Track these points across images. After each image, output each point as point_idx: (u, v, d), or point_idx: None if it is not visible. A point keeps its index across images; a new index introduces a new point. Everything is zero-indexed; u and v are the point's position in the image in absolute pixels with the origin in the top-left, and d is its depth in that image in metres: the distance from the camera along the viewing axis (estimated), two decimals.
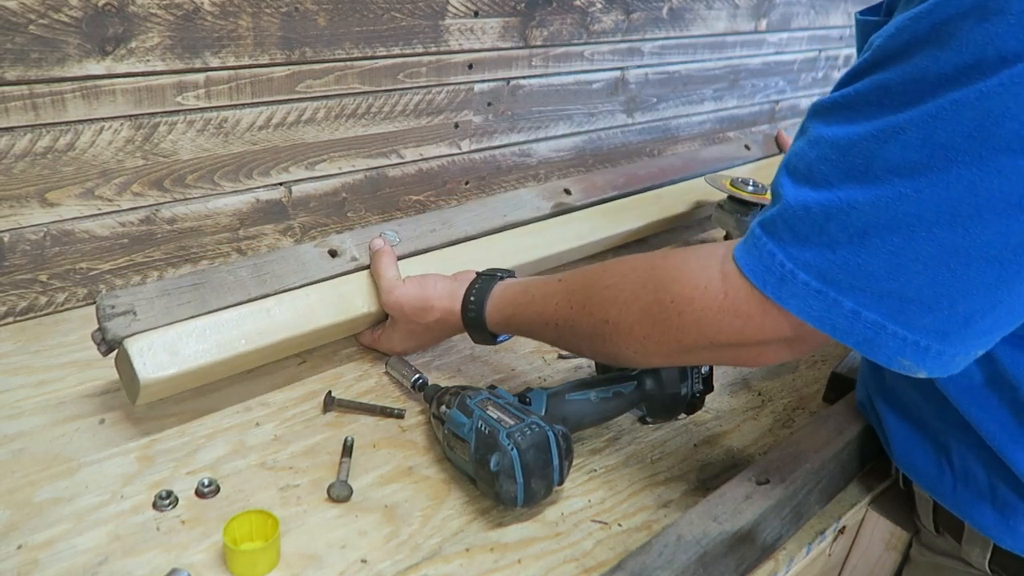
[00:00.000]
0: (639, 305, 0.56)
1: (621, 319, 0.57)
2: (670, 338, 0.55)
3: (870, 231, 0.45)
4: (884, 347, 0.47)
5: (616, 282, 0.59)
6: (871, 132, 0.45)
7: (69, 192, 0.80)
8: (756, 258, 0.49)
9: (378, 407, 0.72)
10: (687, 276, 0.53)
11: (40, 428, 0.67)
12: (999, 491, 0.58)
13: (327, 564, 0.56)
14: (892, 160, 0.44)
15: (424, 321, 0.75)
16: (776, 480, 0.62)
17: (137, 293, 0.68)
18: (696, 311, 0.52)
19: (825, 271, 0.47)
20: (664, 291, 0.54)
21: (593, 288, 0.61)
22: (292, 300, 0.74)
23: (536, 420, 0.60)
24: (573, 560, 0.58)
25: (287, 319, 0.73)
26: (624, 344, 0.58)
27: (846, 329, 0.47)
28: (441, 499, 0.63)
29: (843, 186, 0.46)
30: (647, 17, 1.27)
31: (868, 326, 0.46)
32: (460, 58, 1.05)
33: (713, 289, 0.51)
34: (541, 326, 0.66)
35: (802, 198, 0.47)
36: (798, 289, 0.47)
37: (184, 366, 0.66)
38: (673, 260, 0.56)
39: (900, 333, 0.46)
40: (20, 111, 0.74)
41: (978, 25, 0.41)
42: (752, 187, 1.03)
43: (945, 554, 0.67)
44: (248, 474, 0.64)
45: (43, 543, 0.56)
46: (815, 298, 0.47)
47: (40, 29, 0.72)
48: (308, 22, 0.88)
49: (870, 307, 0.46)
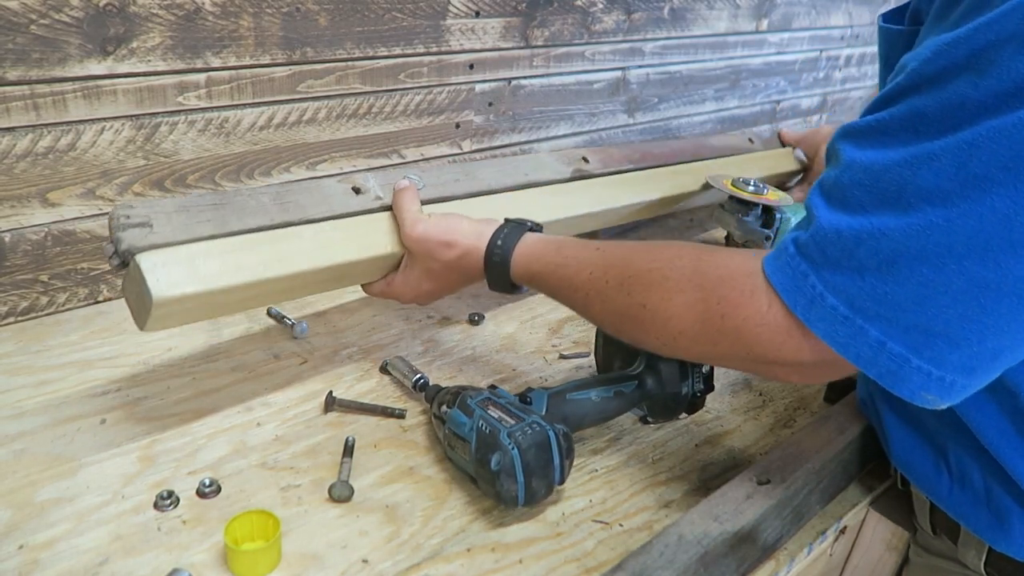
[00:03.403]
0: (683, 299, 0.54)
1: (660, 307, 0.56)
2: (707, 340, 0.53)
3: (899, 259, 0.44)
4: (908, 381, 0.46)
5: (661, 267, 0.57)
6: (905, 158, 0.44)
7: (70, 192, 0.80)
8: (789, 277, 0.48)
9: (379, 407, 0.72)
10: (736, 279, 0.52)
11: (41, 428, 0.67)
12: (994, 495, 0.58)
13: (328, 564, 0.56)
14: (924, 188, 0.43)
15: (445, 258, 0.72)
16: (777, 480, 0.62)
17: (154, 206, 0.64)
18: (740, 319, 0.51)
19: (853, 297, 0.46)
20: (711, 290, 0.53)
21: (635, 267, 0.59)
22: (315, 232, 0.71)
23: (537, 420, 0.60)
24: (574, 560, 0.58)
25: (310, 249, 0.69)
26: (656, 333, 0.57)
27: (870, 359, 0.46)
28: (442, 499, 0.63)
29: (875, 212, 0.45)
30: (648, 17, 1.27)
31: (892, 358, 0.45)
32: (461, 58, 1.05)
33: (760, 297, 0.50)
34: (569, 291, 0.64)
35: (835, 222, 0.46)
36: (826, 313, 0.47)
37: (200, 286, 0.62)
38: (720, 257, 0.55)
39: (925, 368, 0.45)
40: (21, 111, 0.74)
41: (1018, 53, 0.40)
42: (752, 187, 1.03)
43: (942, 555, 0.67)
44: (249, 474, 0.64)
45: (44, 543, 0.56)
46: (842, 324, 0.46)
47: (41, 29, 0.72)
48: (309, 22, 0.88)
49: (896, 338, 0.45)
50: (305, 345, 0.82)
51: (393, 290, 0.77)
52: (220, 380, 0.75)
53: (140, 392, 0.72)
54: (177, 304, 0.61)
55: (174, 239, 0.62)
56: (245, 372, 0.77)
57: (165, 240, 0.62)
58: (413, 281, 0.75)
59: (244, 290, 0.66)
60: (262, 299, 0.71)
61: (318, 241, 0.70)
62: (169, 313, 0.62)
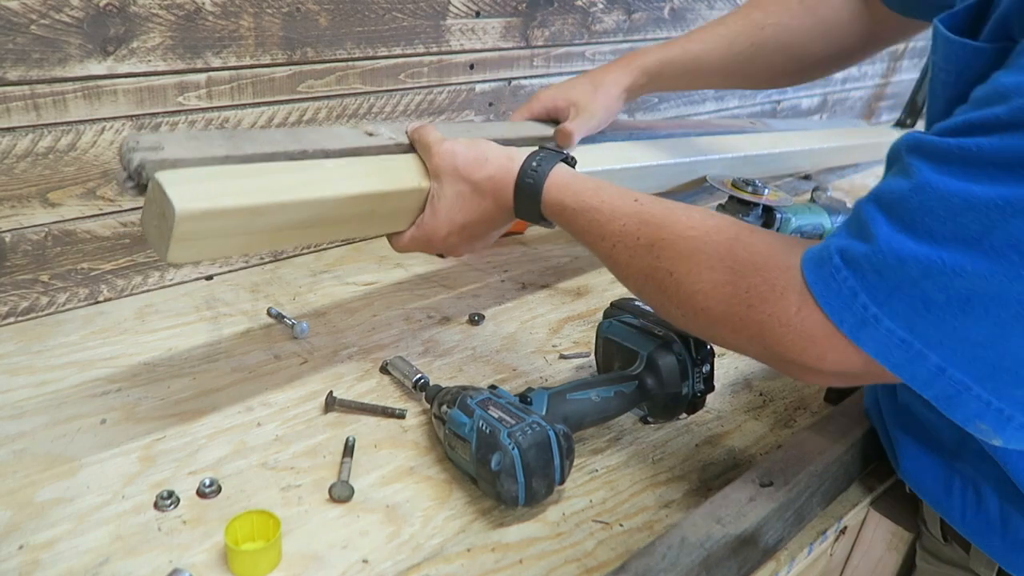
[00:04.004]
0: (712, 277, 0.52)
1: (687, 279, 0.54)
2: (728, 325, 0.52)
3: (974, 300, 0.42)
4: (964, 407, 0.45)
5: (698, 236, 0.55)
6: (995, 200, 0.41)
7: (71, 192, 0.80)
8: (834, 291, 0.46)
9: (379, 407, 0.72)
10: (770, 271, 0.50)
11: (41, 428, 0.67)
12: (1012, 523, 0.57)
13: (328, 564, 0.56)
14: (1017, 237, 0.40)
15: (475, 177, 0.68)
16: (780, 482, 0.62)
17: (163, 136, 0.61)
18: (765, 314, 0.49)
19: (915, 324, 0.44)
20: (743, 276, 0.51)
21: (670, 229, 0.57)
22: (337, 163, 0.68)
23: (537, 420, 0.60)
24: (575, 560, 0.58)
25: (335, 178, 0.66)
26: (678, 303, 0.55)
27: (926, 381, 0.45)
28: (442, 499, 0.63)
29: (949, 247, 0.42)
30: (648, 17, 1.27)
31: (952, 384, 0.44)
32: (461, 58, 1.05)
33: (790, 297, 0.48)
34: (596, 238, 0.62)
35: (897, 246, 0.44)
36: (880, 335, 0.45)
37: (225, 202, 0.58)
38: (759, 242, 0.53)
39: (985, 397, 0.44)
40: (22, 111, 0.74)
41: None
42: (752, 187, 1.03)
43: (952, 564, 0.66)
44: (249, 474, 0.64)
45: (44, 543, 0.56)
46: (899, 347, 0.45)
47: (42, 29, 0.72)
48: (310, 22, 0.88)
49: (958, 366, 0.44)
50: (305, 345, 0.82)
51: (425, 230, 0.72)
52: (220, 380, 0.75)
53: (140, 392, 0.72)
54: (201, 221, 0.57)
55: (189, 158, 0.59)
56: (245, 372, 0.77)
57: (178, 158, 0.59)
58: (443, 212, 0.71)
59: (269, 214, 0.62)
60: (288, 234, 0.66)
61: (343, 171, 0.68)
62: (193, 233, 0.57)
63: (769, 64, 0.88)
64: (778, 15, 0.86)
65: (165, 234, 0.57)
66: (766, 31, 0.86)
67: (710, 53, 0.88)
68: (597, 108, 0.88)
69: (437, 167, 0.70)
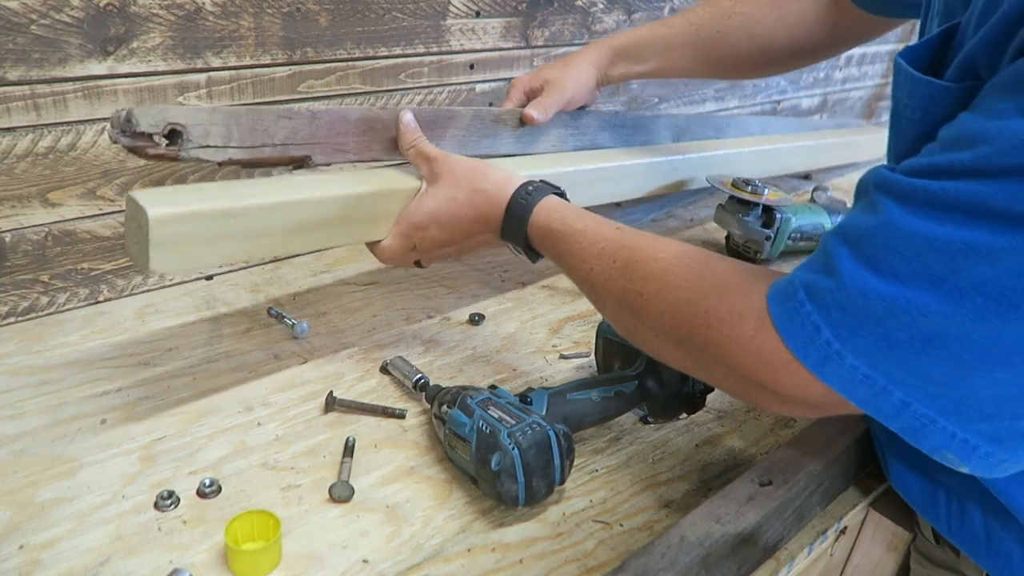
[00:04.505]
0: (677, 296, 0.53)
1: (655, 299, 0.55)
2: (690, 344, 0.53)
3: (937, 340, 0.42)
4: (930, 439, 0.45)
5: (666, 258, 0.56)
6: (960, 244, 0.41)
7: (71, 192, 0.80)
8: (797, 324, 0.46)
9: (379, 407, 0.72)
10: (730, 293, 0.51)
11: (41, 428, 0.67)
12: (995, 535, 0.58)
13: (329, 564, 0.56)
14: (980, 280, 0.40)
15: (473, 187, 0.70)
16: (779, 482, 0.62)
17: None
18: (722, 335, 0.50)
19: (878, 361, 0.44)
20: (704, 296, 0.52)
21: (642, 252, 0.58)
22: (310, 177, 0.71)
23: (537, 420, 0.60)
24: (575, 560, 0.58)
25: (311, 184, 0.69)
26: (648, 324, 0.56)
27: (891, 415, 0.45)
28: (443, 499, 0.63)
29: (913, 286, 0.42)
30: (649, 17, 1.27)
31: (917, 417, 0.44)
32: (461, 58, 1.05)
33: (748, 321, 0.48)
34: (577, 261, 0.63)
35: (861, 283, 0.44)
36: (844, 371, 0.45)
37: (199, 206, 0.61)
38: (725, 267, 0.54)
39: (950, 429, 0.44)
40: (22, 111, 0.74)
41: None
42: (752, 187, 1.03)
43: (944, 567, 0.67)
44: (250, 474, 0.64)
45: (45, 543, 0.56)
46: (862, 383, 0.45)
47: (42, 29, 0.72)
48: (310, 22, 0.88)
49: (923, 402, 0.44)
50: (305, 345, 0.82)
51: (408, 218, 0.73)
52: (220, 380, 0.75)
53: (140, 392, 0.72)
54: (175, 225, 0.59)
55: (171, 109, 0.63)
56: (245, 372, 0.77)
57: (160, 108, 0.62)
58: (429, 206, 0.72)
59: (243, 218, 0.64)
60: (269, 242, 0.67)
61: (316, 180, 0.70)
62: (169, 237, 0.60)
63: (734, 52, 0.91)
64: (745, 5, 0.90)
65: (143, 243, 0.59)
66: (732, 19, 0.89)
67: (677, 37, 0.91)
68: (568, 82, 0.91)
69: (436, 172, 0.73)
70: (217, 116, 0.65)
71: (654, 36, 0.92)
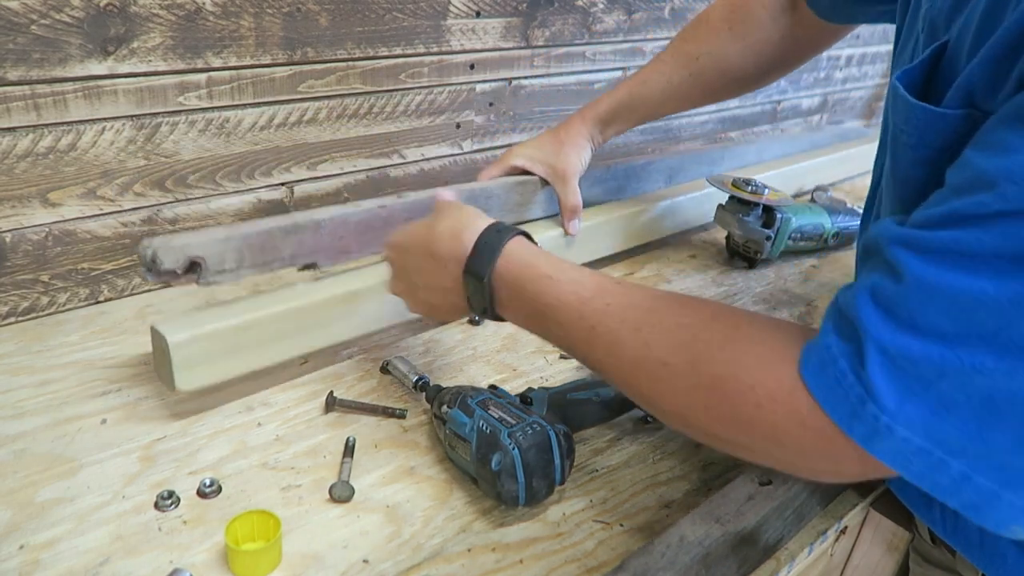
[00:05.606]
0: (715, 368, 0.48)
1: (687, 372, 0.49)
2: (737, 425, 0.47)
3: (998, 400, 0.39)
4: (995, 513, 0.41)
5: (692, 324, 0.51)
6: (1007, 295, 0.38)
7: (71, 192, 0.80)
8: (840, 398, 0.42)
9: (380, 407, 0.72)
10: (775, 366, 0.46)
11: (42, 428, 0.67)
12: (990, 536, 0.57)
13: (329, 564, 0.56)
14: None
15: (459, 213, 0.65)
16: (779, 481, 0.62)
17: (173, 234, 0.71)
18: (778, 412, 0.45)
19: (933, 431, 0.40)
20: (745, 371, 0.47)
21: (660, 316, 0.52)
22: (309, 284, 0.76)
23: (537, 420, 0.60)
24: (575, 560, 0.58)
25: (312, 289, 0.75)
26: (673, 398, 0.50)
27: (950, 489, 0.41)
28: (443, 499, 0.63)
29: (964, 345, 0.39)
30: (649, 17, 1.27)
31: (979, 491, 0.41)
32: (462, 58, 1.05)
33: (798, 399, 0.44)
34: (571, 317, 0.56)
35: (904, 347, 0.40)
36: (896, 444, 0.41)
37: (213, 325, 0.68)
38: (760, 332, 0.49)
39: (1018, 503, 0.41)
40: (22, 111, 0.74)
41: None
42: (752, 187, 1.03)
43: (941, 567, 0.67)
44: (250, 474, 0.64)
45: (45, 543, 0.56)
46: (917, 455, 0.41)
47: (42, 29, 0.72)
48: (310, 22, 0.89)
49: (984, 473, 0.40)
50: None
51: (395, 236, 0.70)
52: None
53: (141, 392, 0.72)
54: (194, 346, 0.66)
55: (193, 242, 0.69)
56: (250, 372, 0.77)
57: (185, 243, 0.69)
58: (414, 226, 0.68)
59: (254, 329, 0.71)
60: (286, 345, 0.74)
61: (317, 286, 0.76)
62: (191, 358, 0.67)
63: (710, 88, 0.94)
64: (709, 44, 0.91)
65: (168, 366, 0.66)
66: (701, 60, 0.91)
67: (652, 90, 0.94)
68: (572, 166, 0.95)
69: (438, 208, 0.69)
70: (231, 243, 0.71)
71: (631, 96, 0.94)
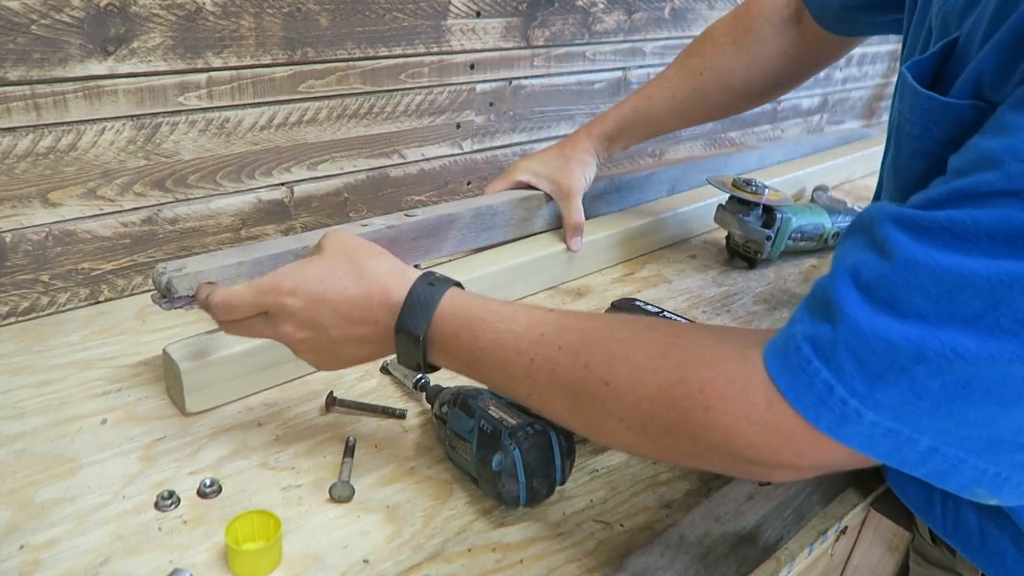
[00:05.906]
0: (657, 378, 0.46)
1: (628, 386, 0.47)
2: (684, 432, 0.46)
3: (975, 384, 0.38)
4: (959, 478, 0.42)
5: (629, 337, 0.49)
6: (997, 275, 0.37)
7: (71, 192, 0.80)
8: (805, 385, 0.41)
9: (380, 407, 0.72)
10: (727, 364, 0.45)
11: (42, 428, 0.67)
12: (989, 536, 0.57)
13: (329, 564, 0.56)
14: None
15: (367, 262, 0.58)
16: None
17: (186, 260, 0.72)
18: (729, 412, 0.44)
19: (903, 413, 0.40)
20: (692, 373, 0.45)
21: (597, 334, 0.50)
22: None
23: (538, 420, 0.60)
24: (575, 560, 0.58)
25: None
26: (619, 416, 0.48)
27: (917, 462, 0.41)
28: (443, 499, 0.63)
29: (945, 327, 0.38)
30: (649, 17, 1.27)
31: (946, 460, 0.41)
32: (462, 58, 1.05)
33: (756, 391, 0.43)
34: (511, 353, 0.53)
35: (882, 329, 0.39)
36: (864, 429, 0.41)
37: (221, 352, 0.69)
38: (700, 336, 0.48)
39: (981, 466, 0.41)
40: (22, 111, 0.74)
41: None
42: (753, 187, 1.03)
43: (941, 566, 0.67)
44: (250, 474, 0.64)
45: (45, 543, 0.56)
46: (885, 436, 0.41)
47: (42, 29, 0.72)
48: (310, 22, 0.88)
49: (952, 444, 0.40)
50: None
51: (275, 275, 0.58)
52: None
53: (141, 392, 0.72)
54: (203, 372, 0.68)
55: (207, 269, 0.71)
56: None
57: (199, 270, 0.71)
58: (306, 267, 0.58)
59: (260, 354, 0.72)
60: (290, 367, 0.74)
61: None
62: (200, 383, 0.69)
63: (716, 103, 0.94)
64: (713, 59, 0.91)
65: (179, 389, 0.68)
66: (705, 75, 0.91)
67: (658, 106, 0.94)
68: (576, 182, 0.96)
69: (320, 244, 0.60)
70: (243, 268, 0.74)
71: (635, 112, 0.95)
